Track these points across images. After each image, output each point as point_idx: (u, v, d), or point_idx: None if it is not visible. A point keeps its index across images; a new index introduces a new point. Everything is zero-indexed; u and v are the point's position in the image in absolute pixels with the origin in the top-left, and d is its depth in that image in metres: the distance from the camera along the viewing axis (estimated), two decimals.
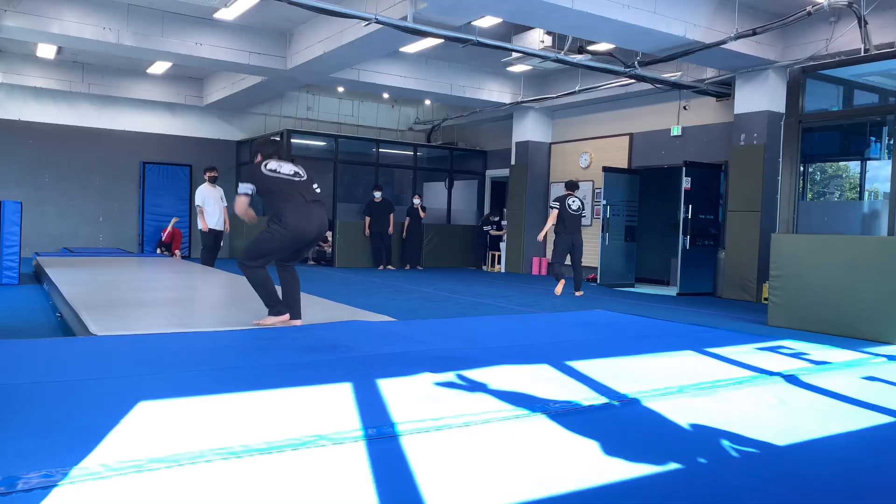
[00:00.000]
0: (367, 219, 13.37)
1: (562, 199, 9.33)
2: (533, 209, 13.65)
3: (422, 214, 13.92)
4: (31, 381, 3.12)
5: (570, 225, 9.21)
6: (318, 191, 5.11)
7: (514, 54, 9.49)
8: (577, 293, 9.33)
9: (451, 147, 15.92)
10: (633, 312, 7.31)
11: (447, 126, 16.17)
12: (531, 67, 11.35)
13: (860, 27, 7.38)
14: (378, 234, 13.40)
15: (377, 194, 13.37)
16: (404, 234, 13.89)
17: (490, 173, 15.69)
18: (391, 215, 13.48)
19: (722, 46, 8.31)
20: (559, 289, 9.18)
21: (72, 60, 13.23)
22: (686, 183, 10.18)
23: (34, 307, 6.70)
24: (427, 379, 3.44)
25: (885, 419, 3.14)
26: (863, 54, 7.22)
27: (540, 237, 9.80)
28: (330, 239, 13.92)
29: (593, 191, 12.66)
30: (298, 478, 2.14)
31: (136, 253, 13.85)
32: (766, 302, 7.86)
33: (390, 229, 13.48)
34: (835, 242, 6.37)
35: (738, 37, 8.05)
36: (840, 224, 7.11)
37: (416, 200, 13.88)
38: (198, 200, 9.36)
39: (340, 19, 8.61)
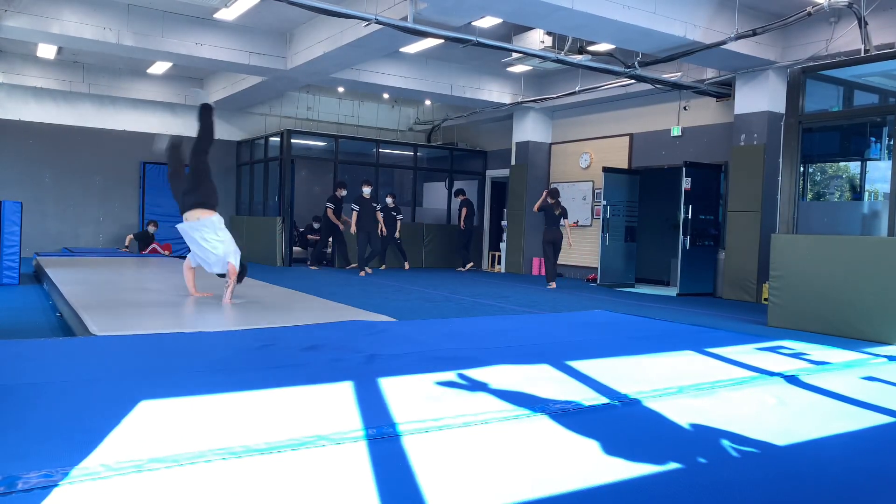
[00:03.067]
0: (354, 214, 12.03)
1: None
2: (533, 209, 13.64)
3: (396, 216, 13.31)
4: (31, 381, 3.12)
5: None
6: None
7: (515, 55, 9.49)
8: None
9: (452, 147, 15.92)
10: (633, 313, 7.31)
11: (447, 126, 16.17)
12: (531, 68, 11.35)
13: (860, 28, 7.38)
14: (366, 234, 11.99)
15: (366, 190, 12.04)
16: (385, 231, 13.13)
17: (490, 173, 15.69)
18: (378, 214, 12.40)
19: (722, 47, 8.32)
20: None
21: (72, 60, 13.22)
22: (686, 183, 10.18)
23: (34, 307, 6.69)
24: (427, 379, 3.44)
25: (885, 419, 3.14)
26: (863, 55, 7.22)
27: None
28: (330, 239, 13.91)
29: (593, 191, 12.67)
30: (299, 478, 2.14)
31: (135, 253, 13.85)
32: (766, 302, 7.87)
33: (381, 229, 12.48)
34: (835, 243, 6.37)
35: (738, 37, 8.05)
36: (840, 224, 7.12)
37: (389, 200, 13.23)
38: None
39: (340, 19, 8.61)
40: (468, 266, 14.27)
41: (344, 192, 12.90)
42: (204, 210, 6.09)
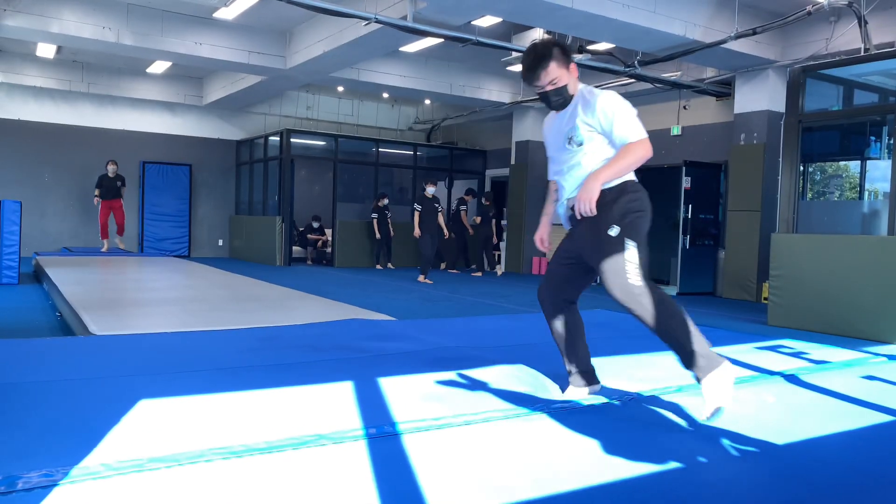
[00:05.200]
0: (416, 215, 11.15)
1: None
2: (533, 209, 13.65)
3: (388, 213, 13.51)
4: (31, 381, 3.12)
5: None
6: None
7: (514, 53, 9.49)
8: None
9: (451, 147, 15.92)
10: None
11: (447, 126, 16.16)
12: None
13: (860, 27, 7.38)
14: (430, 236, 11.10)
15: (430, 189, 11.20)
16: (378, 234, 13.39)
17: (490, 173, 15.69)
18: (440, 216, 11.41)
19: (722, 46, 8.31)
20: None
21: (71, 60, 13.22)
22: (686, 182, 10.17)
23: (34, 307, 6.69)
24: (428, 378, 3.44)
25: (885, 418, 3.14)
26: (863, 54, 7.22)
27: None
28: (329, 238, 13.90)
29: None
30: (299, 477, 2.14)
31: (135, 252, 13.85)
32: (766, 301, 7.87)
33: (446, 232, 11.56)
34: (835, 242, 6.37)
35: (738, 36, 8.05)
36: (840, 224, 7.11)
37: (385, 201, 13.54)
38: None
39: (340, 19, 8.60)
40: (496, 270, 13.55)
41: (470, 199, 12.47)
42: None
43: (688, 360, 2.76)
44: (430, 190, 11.20)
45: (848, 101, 7.91)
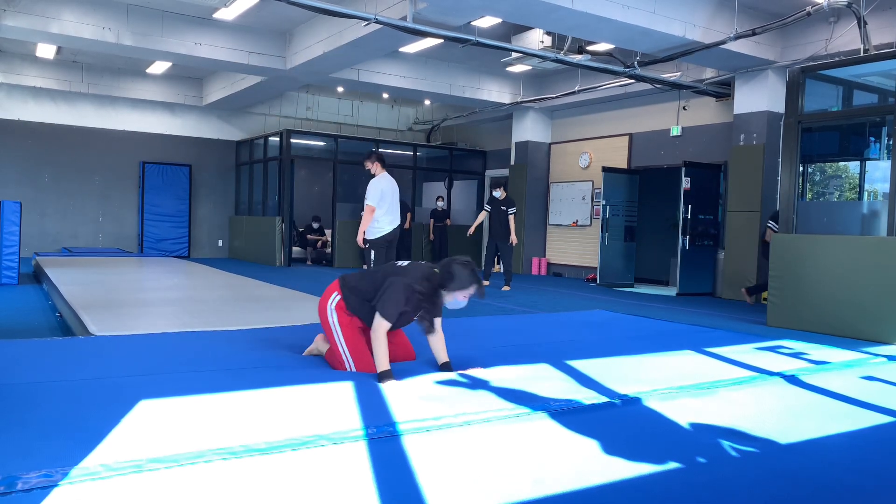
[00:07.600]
0: (483, 215, 10.42)
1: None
2: (532, 209, 13.65)
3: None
4: (31, 381, 3.12)
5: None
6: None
7: (514, 54, 9.49)
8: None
9: (451, 147, 15.92)
10: (633, 312, 7.31)
11: (447, 126, 16.16)
12: (531, 67, 11.35)
13: (860, 27, 7.38)
14: (494, 241, 10.22)
15: (496, 193, 10.09)
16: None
17: (490, 173, 15.68)
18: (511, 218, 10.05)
19: (721, 46, 8.32)
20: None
21: (71, 60, 13.22)
22: (685, 183, 10.18)
23: (34, 307, 6.69)
24: (428, 378, 3.45)
25: (885, 419, 3.14)
26: (862, 54, 7.22)
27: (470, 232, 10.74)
28: (329, 238, 13.89)
29: (592, 191, 12.67)
30: (299, 478, 2.14)
31: (135, 253, 13.85)
32: (765, 302, 7.87)
33: (512, 238, 9.97)
34: (834, 243, 6.37)
35: (738, 37, 8.05)
36: (839, 224, 7.11)
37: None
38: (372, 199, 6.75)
39: (340, 19, 8.61)
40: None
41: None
42: None
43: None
44: (496, 193, 9.99)
45: (847, 101, 7.92)
